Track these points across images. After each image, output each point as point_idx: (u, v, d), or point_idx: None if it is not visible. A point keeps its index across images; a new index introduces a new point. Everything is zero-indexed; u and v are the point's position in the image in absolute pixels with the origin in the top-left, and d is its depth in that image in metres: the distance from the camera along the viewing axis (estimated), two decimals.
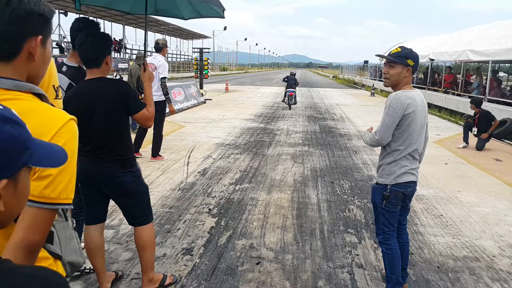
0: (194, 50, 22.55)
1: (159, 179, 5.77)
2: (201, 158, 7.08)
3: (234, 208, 4.67)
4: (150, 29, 46.94)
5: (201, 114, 13.19)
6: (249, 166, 6.66)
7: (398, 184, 2.70)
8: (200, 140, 8.73)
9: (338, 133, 10.14)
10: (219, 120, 11.98)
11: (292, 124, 11.64)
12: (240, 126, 10.88)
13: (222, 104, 16.70)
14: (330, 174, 6.31)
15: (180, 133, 9.57)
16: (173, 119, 11.71)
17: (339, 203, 4.98)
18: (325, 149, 8.19)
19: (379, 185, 2.78)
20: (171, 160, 6.89)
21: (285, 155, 7.51)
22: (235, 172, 6.26)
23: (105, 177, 2.69)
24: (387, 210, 2.76)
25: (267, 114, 13.72)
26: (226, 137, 9.15)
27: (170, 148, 7.77)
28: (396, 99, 2.59)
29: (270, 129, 10.48)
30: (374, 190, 2.85)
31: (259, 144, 8.52)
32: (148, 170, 6.23)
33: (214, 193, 5.20)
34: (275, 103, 18.13)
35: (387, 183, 2.71)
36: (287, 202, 4.94)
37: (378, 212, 2.82)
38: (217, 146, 8.17)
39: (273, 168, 6.55)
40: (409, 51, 2.68)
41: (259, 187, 5.54)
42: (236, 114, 13.52)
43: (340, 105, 17.64)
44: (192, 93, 16.14)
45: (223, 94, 22.40)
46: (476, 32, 15.17)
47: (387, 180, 2.72)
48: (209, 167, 6.49)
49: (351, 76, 49.38)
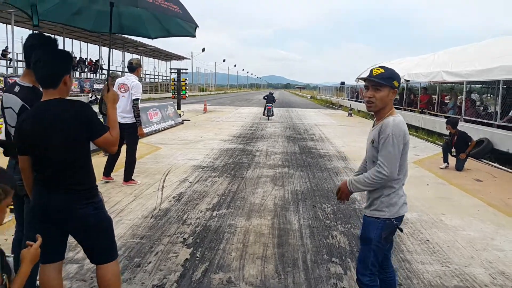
0: (172, 70, 22.32)
1: (130, 206, 5.42)
2: (177, 182, 6.76)
3: (210, 237, 4.37)
4: (127, 50, 46.65)
5: (178, 135, 12.88)
6: (227, 189, 6.38)
7: (399, 217, 2.51)
8: (176, 162, 8.42)
9: (318, 154, 9.99)
10: (196, 141, 11.69)
11: (272, 144, 11.45)
12: (218, 147, 10.62)
13: (200, 125, 16.44)
14: (311, 197, 6.09)
15: (155, 155, 9.23)
16: (149, 141, 11.36)
17: (322, 228, 4.74)
18: (306, 170, 7.99)
19: (376, 219, 2.48)
20: (145, 184, 6.55)
21: (264, 178, 7.27)
22: (213, 196, 5.97)
23: (63, 209, 2.39)
24: (380, 247, 2.51)
25: (246, 135, 13.51)
26: (204, 159, 8.86)
27: (144, 172, 7.43)
28: (396, 126, 2.37)
29: (249, 150, 10.25)
30: (370, 225, 2.51)
31: (238, 166, 8.26)
32: (120, 195, 5.88)
33: (189, 220, 4.89)
34: (254, 123, 17.98)
35: (388, 216, 2.45)
36: (268, 229, 4.67)
37: (369, 249, 2.51)
38: (194, 168, 7.86)
39: (252, 192, 6.29)
40: (393, 72, 2.48)
41: (238, 212, 5.26)
42: (215, 135, 13.27)
43: (319, 125, 17.62)
44: (169, 114, 15.84)
45: (201, 114, 22.15)
46: (450, 54, 15.51)
47: (389, 213, 2.46)
48: (185, 192, 6.18)
49: (328, 96, 49.96)
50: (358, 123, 19.42)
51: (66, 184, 2.39)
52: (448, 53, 16.10)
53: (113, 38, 38.43)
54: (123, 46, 44.26)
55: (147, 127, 12.93)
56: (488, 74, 11.09)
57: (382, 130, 2.39)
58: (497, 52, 11.72)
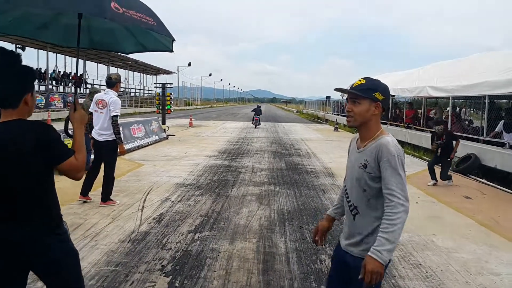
0: (157, 85, 22.06)
1: (107, 229, 5.11)
2: (158, 202, 6.47)
3: (191, 263, 4.09)
4: (112, 64, 46.29)
5: (162, 151, 12.57)
6: (211, 209, 6.11)
7: None
8: (158, 180, 8.12)
9: (305, 170, 9.79)
10: (180, 157, 11.40)
11: (258, 160, 11.22)
12: (203, 163, 10.35)
13: (185, 140, 16.15)
14: (298, 217, 5.86)
15: (137, 172, 8.92)
16: (131, 157, 11.04)
17: (310, 252, 4.50)
18: (292, 188, 7.77)
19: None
20: (124, 204, 6.24)
21: (250, 196, 7.02)
22: (195, 217, 5.69)
23: (22, 243, 2.11)
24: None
25: (231, 150, 13.27)
26: (187, 176, 8.58)
27: (124, 191, 7.12)
28: (398, 147, 2.05)
29: (234, 167, 10.00)
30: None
31: (222, 183, 8.00)
32: (96, 217, 5.57)
33: (169, 245, 4.60)
34: (240, 138, 17.76)
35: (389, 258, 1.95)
36: (252, 253, 4.41)
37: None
38: (177, 186, 7.58)
39: (237, 212, 6.03)
40: (376, 83, 2.14)
41: (221, 235, 4.99)
42: (199, 150, 12.99)
43: (305, 140, 17.48)
44: (153, 129, 15.52)
45: (186, 129, 21.87)
46: (435, 69, 15.62)
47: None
48: (166, 212, 5.89)
49: (314, 111, 50.15)
50: (344, 137, 19.36)
51: (24, 215, 2.12)
52: (433, 68, 16.22)
53: (98, 52, 38.06)
54: (108, 60, 43.92)
55: (130, 143, 12.61)
56: (473, 89, 11.12)
57: (382, 152, 2.00)
58: (481, 68, 11.79)
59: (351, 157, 2.23)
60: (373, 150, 2.05)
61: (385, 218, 1.94)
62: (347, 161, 2.29)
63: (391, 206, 1.94)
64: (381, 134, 2.12)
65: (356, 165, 2.12)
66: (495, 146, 9.95)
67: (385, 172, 1.98)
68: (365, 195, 2.08)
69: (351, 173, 2.17)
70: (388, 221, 1.92)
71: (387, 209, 1.95)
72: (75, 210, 5.92)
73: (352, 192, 2.15)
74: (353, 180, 2.14)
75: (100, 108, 6.08)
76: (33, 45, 33.86)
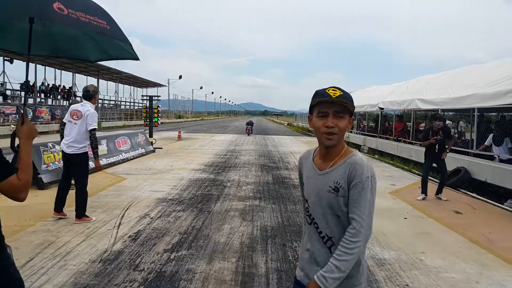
0: (144, 97, 21.80)
1: (79, 247, 4.81)
2: (136, 218, 6.17)
3: (164, 286, 3.81)
4: (102, 77, 45.99)
5: (147, 165, 12.27)
6: (191, 226, 5.83)
7: None
8: (140, 195, 7.82)
9: (292, 184, 9.55)
10: (166, 171, 11.10)
11: (244, 174, 10.97)
12: (188, 177, 10.07)
13: (172, 153, 15.85)
14: (282, 234, 5.60)
15: (118, 187, 8.60)
16: (115, 171, 10.73)
17: (291, 272, 4.24)
18: (278, 202, 7.52)
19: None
20: (100, 221, 5.94)
21: (233, 211, 6.75)
22: (173, 235, 5.40)
23: None
24: None
25: (218, 164, 13.00)
26: (170, 191, 8.29)
27: (103, 206, 6.82)
28: (371, 166, 1.80)
29: (220, 181, 9.74)
30: None
31: (206, 198, 7.73)
32: (69, 235, 5.27)
33: (142, 265, 4.31)
34: (229, 151, 17.51)
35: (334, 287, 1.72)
36: (230, 274, 4.14)
37: None
38: (158, 202, 7.29)
39: (218, 228, 5.75)
40: (349, 93, 1.83)
41: (199, 254, 4.71)
42: (186, 163, 12.71)
43: (294, 153, 17.27)
44: (140, 142, 15.22)
45: (175, 142, 21.57)
46: (423, 82, 15.58)
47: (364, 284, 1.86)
48: (143, 229, 5.60)
49: (304, 123, 50.13)
50: None
51: None
52: (421, 81, 16.20)
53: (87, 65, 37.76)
54: (97, 73, 43.62)
55: (114, 156, 12.30)
56: (462, 102, 11.03)
57: (355, 172, 1.75)
58: (469, 80, 11.74)
59: (310, 180, 1.90)
60: (345, 170, 1.78)
61: (342, 244, 1.72)
62: (305, 185, 1.93)
63: (352, 233, 1.72)
64: (348, 151, 1.85)
65: (323, 190, 1.81)
66: (486, 160, 9.82)
67: (355, 194, 1.74)
68: (340, 222, 1.80)
69: (318, 200, 1.84)
70: (345, 249, 1.71)
71: (348, 234, 1.73)
72: (48, 227, 5.62)
73: (324, 221, 1.83)
74: (323, 207, 1.82)
75: (75, 119, 5.83)
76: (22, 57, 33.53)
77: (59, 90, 38.71)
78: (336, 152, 1.84)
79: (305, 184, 1.95)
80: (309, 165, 1.95)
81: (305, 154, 2.04)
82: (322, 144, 1.84)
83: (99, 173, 10.34)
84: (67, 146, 5.81)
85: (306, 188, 1.93)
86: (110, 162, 11.77)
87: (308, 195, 1.92)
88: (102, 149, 11.80)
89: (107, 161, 11.64)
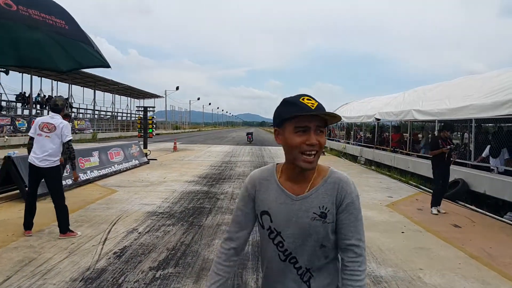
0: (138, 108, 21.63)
1: (61, 265, 4.58)
2: (123, 233, 5.94)
3: None
4: (98, 88, 45.91)
5: (140, 176, 12.03)
6: (180, 241, 5.60)
7: None
8: (129, 208, 7.59)
9: None
10: (158, 183, 10.87)
11: (238, 186, 10.75)
12: (180, 189, 9.84)
13: (166, 165, 15.62)
14: None
15: (107, 200, 8.36)
16: (105, 183, 10.50)
17: None
18: None
19: None
20: (86, 236, 5.70)
21: (225, 226, 6.52)
22: (161, 251, 5.17)
23: None
24: None
25: (213, 175, 12.78)
26: (161, 204, 8.06)
27: (90, 220, 6.59)
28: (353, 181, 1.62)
29: (213, 193, 9.51)
30: None
31: (197, 211, 7.50)
32: (52, 251, 5.04)
33: (126, 284, 4.08)
34: (224, 162, 17.28)
35: None
36: None
37: None
38: (147, 215, 7.05)
39: (208, 244, 5.53)
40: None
41: (186, 272, 4.48)
42: (180, 175, 12.49)
43: None
44: (134, 153, 15.00)
45: (170, 153, 21.34)
46: (419, 93, 15.45)
47: None
48: (130, 245, 5.36)
49: None
50: (330, 161, 19.02)
51: None
52: (418, 91, 16.08)
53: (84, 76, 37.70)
54: (94, 84, 43.53)
55: (106, 168, 12.07)
56: (459, 113, 10.88)
57: (344, 191, 1.52)
58: (466, 91, 11.62)
59: (281, 208, 1.55)
60: (330, 191, 1.53)
61: (352, 278, 1.48)
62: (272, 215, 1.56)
63: (359, 261, 1.49)
64: (321, 167, 1.58)
65: (305, 218, 1.51)
66: (484, 171, 9.64)
67: (349, 217, 1.51)
68: (323, 253, 1.54)
69: (298, 231, 1.53)
70: (357, 282, 1.47)
71: (354, 265, 1.49)
72: (31, 243, 5.39)
73: (304, 255, 1.54)
74: (304, 239, 1.52)
75: (46, 132, 5.65)
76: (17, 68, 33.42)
77: None
78: (312, 171, 1.54)
79: (271, 213, 1.57)
80: (273, 188, 1.59)
81: (261, 173, 1.65)
82: (298, 166, 1.49)
83: (89, 186, 10.13)
84: (40, 160, 5.59)
85: (275, 218, 1.55)
86: (101, 174, 11.53)
87: (280, 226, 1.55)
88: (94, 161, 11.59)
89: (99, 173, 11.40)
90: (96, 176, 11.12)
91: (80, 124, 38.04)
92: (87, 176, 10.72)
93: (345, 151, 22.89)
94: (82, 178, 10.35)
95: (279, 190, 1.57)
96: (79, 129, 36.96)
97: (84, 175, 10.55)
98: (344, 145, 23.59)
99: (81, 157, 10.95)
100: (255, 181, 1.64)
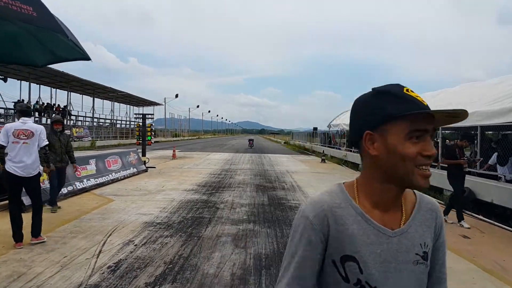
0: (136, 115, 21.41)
1: (51, 280, 4.31)
2: (119, 245, 5.68)
3: None
4: (97, 96, 45.76)
5: (138, 185, 11.77)
6: (178, 254, 5.34)
7: None
8: (126, 218, 7.32)
9: (288, 206, 9.08)
10: (156, 191, 10.61)
11: (239, 195, 10.49)
12: (179, 198, 9.58)
13: (165, 172, 15.36)
14: (277, 263, 5.11)
15: (103, 210, 8.10)
16: (102, 192, 10.23)
17: None
18: (273, 226, 7.04)
19: None
20: (79, 249, 5.44)
21: (225, 237, 6.27)
22: (158, 265, 4.90)
23: None
24: None
25: (212, 184, 12.52)
26: (159, 214, 7.80)
27: (84, 231, 6.32)
28: None
29: (212, 202, 9.25)
30: None
31: (196, 222, 7.24)
32: (44, 265, 4.77)
33: None
34: (223, 170, 17.03)
35: None
36: None
37: None
38: (145, 226, 6.79)
39: (207, 257, 5.26)
40: None
41: None
42: (178, 184, 12.23)
43: (291, 172, 16.81)
44: (132, 161, 14.75)
45: (169, 161, 21.08)
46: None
47: None
48: (125, 259, 5.10)
49: (301, 142, 49.78)
50: (331, 169, 18.77)
51: None
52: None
53: (83, 83, 37.54)
54: (93, 92, 43.38)
55: (103, 176, 11.80)
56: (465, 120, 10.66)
57: (441, 221, 1.16)
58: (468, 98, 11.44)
59: (373, 249, 1.04)
60: (428, 222, 1.13)
61: None
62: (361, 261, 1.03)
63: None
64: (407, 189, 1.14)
65: (406, 262, 1.05)
66: (491, 180, 9.39)
67: (442, 249, 1.15)
68: None
69: (399, 280, 1.04)
70: None
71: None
72: (21, 256, 5.13)
73: None
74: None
75: (24, 139, 5.48)
76: (16, 76, 33.28)
77: (53, 109, 38.29)
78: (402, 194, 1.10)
79: (359, 259, 1.04)
80: (353, 221, 1.06)
81: (331, 198, 1.10)
82: (411, 184, 1.02)
83: (86, 195, 9.87)
84: (23, 168, 5.38)
85: (367, 266, 1.03)
86: (98, 182, 11.26)
87: (377, 279, 1.03)
88: (90, 169, 11.33)
89: (96, 182, 11.13)
90: (92, 184, 10.86)
91: (79, 131, 37.81)
92: (84, 184, 10.45)
93: (346, 158, 22.64)
94: (78, 186, 10.10)
95: (363, 222, 1.06)
96: (78, 136, 36.72)
97: (80, 183, 10.29)
98: (345, 153, 23.34)
99: (78, 165, 10.68)
100: (325, 212, 1.07)
